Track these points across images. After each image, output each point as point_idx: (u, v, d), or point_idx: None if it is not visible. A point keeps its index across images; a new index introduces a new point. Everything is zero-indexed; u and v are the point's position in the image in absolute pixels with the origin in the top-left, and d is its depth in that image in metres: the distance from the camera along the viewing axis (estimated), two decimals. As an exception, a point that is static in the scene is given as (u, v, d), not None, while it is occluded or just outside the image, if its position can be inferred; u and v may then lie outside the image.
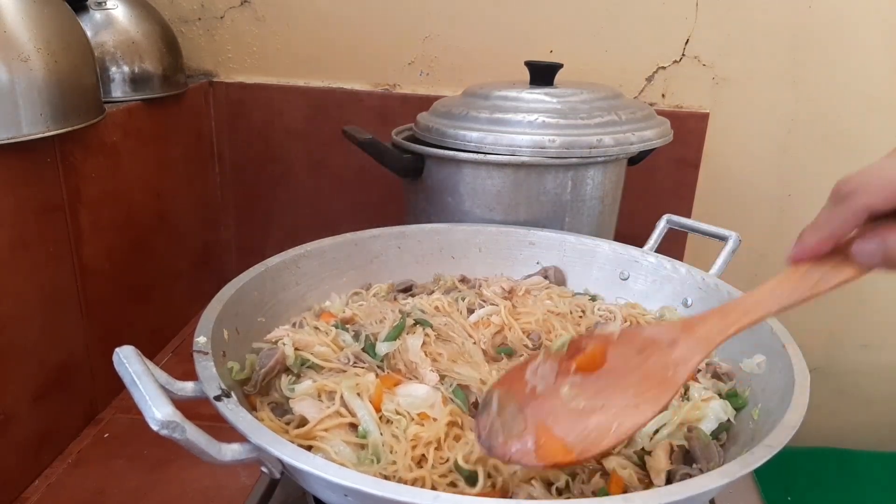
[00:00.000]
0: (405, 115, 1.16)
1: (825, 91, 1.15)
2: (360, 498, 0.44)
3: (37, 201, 0.73)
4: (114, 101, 0.92)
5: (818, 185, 1.20)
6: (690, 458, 0.56)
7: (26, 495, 0.72)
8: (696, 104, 1.17)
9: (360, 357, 0.64)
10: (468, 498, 0.42)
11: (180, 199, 1.07)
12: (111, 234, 0.87)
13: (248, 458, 0.47)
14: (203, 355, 0.55)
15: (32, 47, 0.68)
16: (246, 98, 1.20)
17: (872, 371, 1.33)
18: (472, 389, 0.61)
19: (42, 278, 0.74)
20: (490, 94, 0.90)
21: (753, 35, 1.13)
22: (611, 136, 0.85)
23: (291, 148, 1.22)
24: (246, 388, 0.61)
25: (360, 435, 0.55)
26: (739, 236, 0.81)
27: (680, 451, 0.56)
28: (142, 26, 0.97)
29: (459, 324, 0.72)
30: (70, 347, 0.80)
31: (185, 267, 1.10)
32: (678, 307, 0.77)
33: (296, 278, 0.76)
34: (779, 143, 1.19)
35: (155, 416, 0.43)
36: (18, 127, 0.68)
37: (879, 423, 1.36)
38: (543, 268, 0.86)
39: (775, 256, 1.26)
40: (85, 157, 0.81)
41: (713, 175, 1.20)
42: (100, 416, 0.86)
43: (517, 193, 0.88)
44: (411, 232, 0.86)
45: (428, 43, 1.17)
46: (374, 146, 0.90)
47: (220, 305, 0.62)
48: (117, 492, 0.73)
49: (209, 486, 0.74)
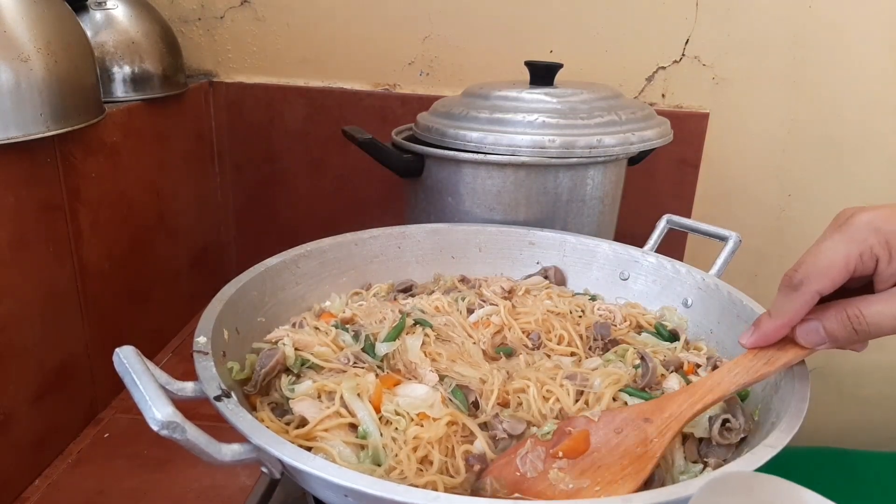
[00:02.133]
0: (405, 115, 1.16)
1: (825, 91, 1.15)
2: (360, 498, 0.44)
3: (37, 201, 0.73)
4: (114, 101, 0.92)
5: (818, 185, 1.21)
6: (701, 447, 0.57)
7: (26, 495, 0.72)
8: (696, 104, 1.17)
9: (359, 357, 0.64)
10: (468, 498, 0.42)
11: (180, 199, 1.07)
12: (111, 234, 0.87)
13: (248, 458, 0.47)
14: (203, 355, 0.55)
15: (32, 47, 0.68)
16: (246, 98, 1.20)
17: (872, 371, 1.33)
18: (471, 389, 0.61)
19: (42, 278, 0.74)
20: (490, 94, 0.90)
21: (753, 35, 1.13)
22: (611, 136, 0.85)
23: (291, 148, 1.22)
24: (246, 388, 0.61)
25: (360, 435, 0.55)
26: (739, 236, 0.81)
27: (692, 438, 0.57)
28: (142, 26, 0.97)
29: (459, 324, 0.72)
30: (70, 347, 0.80)
31: (185, 267, 1.10)
32: (678, 307, 0.77)
33: (295, 278, 0.76)
34: (779, 143, 1.19)
35: (155, 416, 0.43)
36: (18, 127, 0.68)
37: (879, 423, 1.36)
38: (543, 268, 0.86)
39: (775, 256, 1.26)
40: (85, 157, 0.81)
41: (713, 175, 1.20)
42: (100, 416, 0.86)
43: (517, 193, 0.88)
44: (411, 232, 0.86)
45: (428, 43, 1.17)
46: (373, 146, 0.90)
47: (220, 305, 0.62)
48: (117, 492, 0.73)
49: (209, 486, 0.74)
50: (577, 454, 0.55)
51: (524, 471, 0.54)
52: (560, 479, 0.53)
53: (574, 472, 0.54)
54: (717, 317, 0.73)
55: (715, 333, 0.72)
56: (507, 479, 0.54)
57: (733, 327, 0.69)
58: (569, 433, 0.56)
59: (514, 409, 0.60)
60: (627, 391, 0.62)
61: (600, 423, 0.57)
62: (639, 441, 0.54)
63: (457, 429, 0.57)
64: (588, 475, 0.53)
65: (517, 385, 0.62)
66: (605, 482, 0.52)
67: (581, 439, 0.56)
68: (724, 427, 0.56)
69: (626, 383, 0.63)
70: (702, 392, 0.56)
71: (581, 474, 0.53)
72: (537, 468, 0.54)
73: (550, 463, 0.55)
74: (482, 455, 0.55)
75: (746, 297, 0.70)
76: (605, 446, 0.55)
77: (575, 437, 0.56)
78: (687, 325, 0.75)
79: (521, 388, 0.62)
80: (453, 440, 0.56)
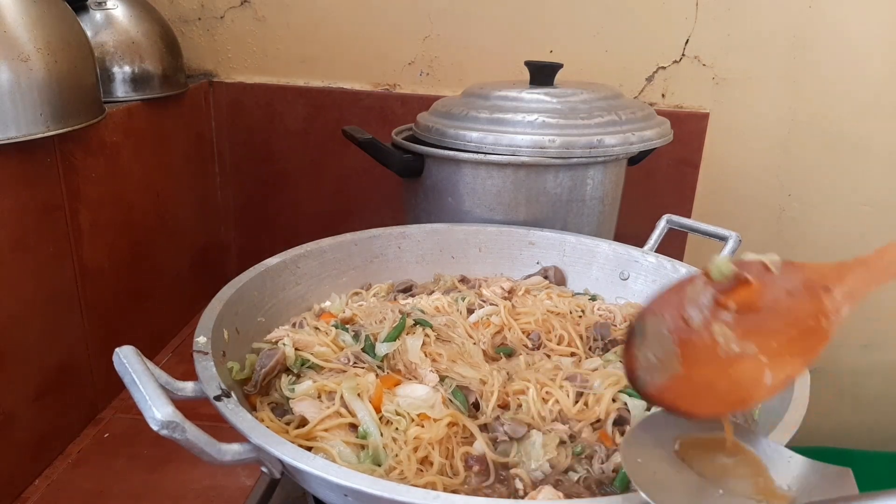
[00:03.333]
0: (405, 115, 1.16)
1: (825, 91, 1.15)
2: (360, 498, 0.44)
3: (37, 201, 0.73)
4: (114, 101, 0.92)
5: (818, 185, 1.21)
6: None
7: (26, 495, 0.72)
8: (696, 104, 1.17)
9: (360, 357, 0.64)
10: (468, 498, 0.42)
11: (180, 200, 1.07)
12: (111, 234, 0.87)
13: (248, 458, 0.47)
14: (203, 355, 0.55)
15: (32, 47, 0.68)
16: (246, 98, 1.20)
17: (872, 371, 1.33)
18: (471, 390, 0.61)
19: (42, 278, 0.74)
20: (490, 94, 0.90)
21: (753, 35, 1.13)
22: (611, 136, 0.85)
23: (291, 148, 1.22)
24: (246, 388, 0.61)
25: (360, 435, 0.55)
26: (739, 236, 0.81)
27: None
28: (142, 26, 0.97)
29: (459, 324, 0.72)
30: (70, 348, 0.80)
31: (185, 267, 1.10)
32: (678, 307, 0.77)
33: (295, 278, 0.76)
34: (779, 143, 1.19)
35: (155, 416, 0.43)
36: (18, 127, 0.68)
37: (879, 423, 1.36)
38: (543, 268, 0.86)
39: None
40: (85, 157, 0.81)
41: (713, 175, 1.20)
42: (100, 416, 0.86)
43: (517, 193, 0.88)
44: (411, 232, 0.86)
45: (428, 43, 1.17)
46: (374, 146, 0.90)
47: (220, 305, 0.62)
48: (117, 492, 0.73)
49: (209, 486, 0.74)
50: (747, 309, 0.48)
51: (689, 314, 0.48)
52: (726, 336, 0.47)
53: (739, 330, 0.47)
54: (717, 317, 0.72)
55: (715, 333, 0.72)
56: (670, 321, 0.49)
57: (733, 327, 0.68)
58: (745, 282, 0.49)
59: (514, 411, 0.60)
60: (627, 392, 0.62)
61: (777, 279, 0.49)
62: (812, 311, 0.47)
63: (457, 430, 0.57)
64: (753, 338, 0.46)
65: (517, 387, 0.62)
66: (772, 353, 0.46)
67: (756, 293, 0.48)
68: None
69: (626, 384, 0.63)
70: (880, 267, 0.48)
71: (746, 335, 0.47)
72: (704, 315, 0.48)
73: (717, 313, 0.48)
74: (482, 456, 0.55)
75: (746, 297, 0.69)
76: (777, 307, 0.48)
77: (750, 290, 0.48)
78: (687, 325, 0.75)
79: (521, 389, 0.62)
80: (453, 441, 0.56)
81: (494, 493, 0.53)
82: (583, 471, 0.55)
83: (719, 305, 0.48)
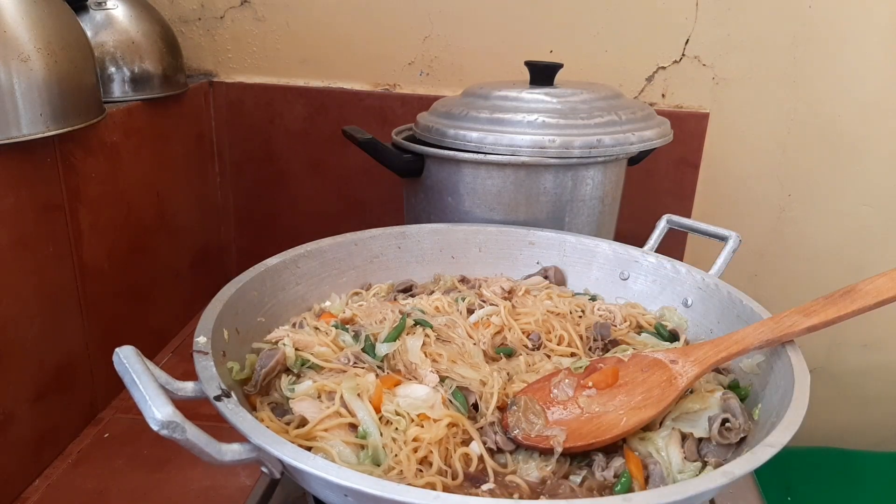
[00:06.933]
0: (405, 115, 1.16)
1: (825, 91, 1.15)
2: (360, 498, 0.44)
3: (37, 201, 0.73)
4: (114, 101, 0.92)
5: (818, 184, 1.21)
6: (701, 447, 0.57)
7: (26, 495, 0.72)
8: (696, 104, 1.17)
9: (360, 357, 0.64)
10: (468, 498, 0.42)
11: (180, 199, 1.07)
12: (111, 234, 0.87)
13: (248, 458, 0.47)
14: (203, 355, 0.55)
15: (32, 47, 0.68)
16: (246, 98, 1.20)
17: (872, 371, 1.33)
18: (471, 391, 0.61)
19: (42, 278, 0.74)
20: (490, 94, 0.90)
21: (753, 35, 1.13)
22: (611, 136, 0.85)
23: (291, 148, 1.22)
24: (246, 388, 0.61)
25: (360, 436, 0.55)
26: (739, 236, 0.81)
27: (691, 438, 0.57)
28: (142, 26, 0.97)
29: (459, 324, 0.72)
30: (70, 347, 0.80)
31: (185, 267, 1.10)
32: (678, 307, 0.77)
33: (295, 278, 0.76)
34: (779, 143, 1.19)
35: (155, 416, 0.43)
36: (18, 127, 0.68)
37: (879, 423, 1.36)
38: (543, 268, 0.86)
39: (775, 256, 1.26)
40: (85, 157, 0.81)
41: (713, 175, 1.20)
42: (100, 416, 0.86)
43: (517, 193, 0.88)
44: (411, 232, 0.86)
45: (428, 43, 1.17)
46: (374, 146, 0.90)
47: (220, 305, 0.62)
48: (117, 492, 0.73)
49: (209, 486, 0.74)
50: (605, 386, 0.60)
51: (556, 394, 0.60)
52: (588, 403, 0.59)
53: (602, 399, 0.59)
54: (717, 316, 0.73)
55: (715, 333, 0.72)
56: (540, 399, 0.60)
57: (733, 327, 0.68)
58: (599, 368, 0.62)
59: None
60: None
61: (629, 364, 0.62)
62: (664, 378, 0.59)
63: (456, 431, 0.57)
64: (614, 403, 0.59)
65: (517, 388, 0.62)
66: (630, 408, 0.57)
67: (610, 374, 0.61)
68: (723, 427, 0.56)
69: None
70: (727, 343, 0.61)
71: (608, 402, 0.59)
72: (568, 394, 0.60)
73: (580, 391, 0.60)
74: (480, 458, 0.55)
75: (746, 296, 0.70)
76: (632, 381, 0.60)
77: (605, 371, 0.61)
78: (687, 325, 0.75)
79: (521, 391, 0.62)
80: (452, 442, 0.56)
81: (494, 493, 0.53)
82: (583, 477, 0.55)
83: (581, 386, 0.61)
